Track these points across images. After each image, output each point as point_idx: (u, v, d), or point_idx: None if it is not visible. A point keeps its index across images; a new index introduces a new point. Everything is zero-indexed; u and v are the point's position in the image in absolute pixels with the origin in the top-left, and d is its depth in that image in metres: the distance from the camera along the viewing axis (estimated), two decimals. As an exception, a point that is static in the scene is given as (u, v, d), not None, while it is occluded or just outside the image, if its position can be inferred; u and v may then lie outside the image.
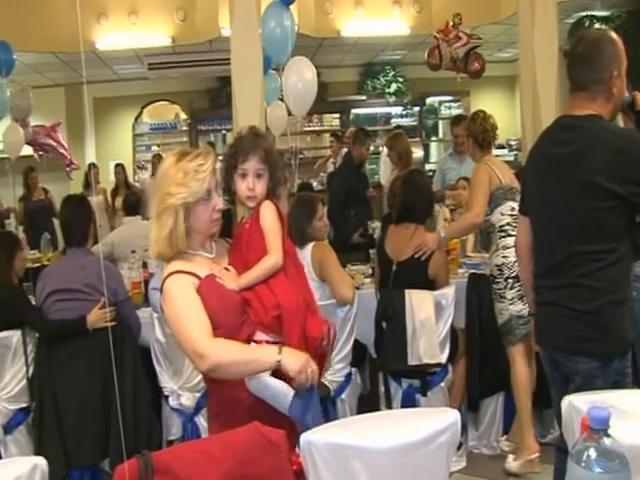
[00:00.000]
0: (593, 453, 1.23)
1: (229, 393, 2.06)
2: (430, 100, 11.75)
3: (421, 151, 10.99)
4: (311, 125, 11.31)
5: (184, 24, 8.19)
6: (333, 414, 3.63)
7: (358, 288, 4.11)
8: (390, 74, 11.27)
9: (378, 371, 3.96)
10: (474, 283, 4.10)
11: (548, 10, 5.11)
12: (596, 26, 8.58)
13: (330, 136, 9.45)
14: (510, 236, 3.66)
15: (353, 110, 11.41)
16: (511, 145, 10.75)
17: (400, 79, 11.26)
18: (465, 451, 3.97)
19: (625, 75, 2.46)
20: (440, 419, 1.81)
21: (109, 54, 8.62)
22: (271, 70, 6.03)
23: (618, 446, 1.23)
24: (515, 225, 3.44)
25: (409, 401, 3.76)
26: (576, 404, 1.84)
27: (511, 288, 3.72)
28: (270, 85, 6.01)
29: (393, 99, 11.33)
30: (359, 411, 3.83)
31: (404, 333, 3.66)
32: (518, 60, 5.52)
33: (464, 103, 11.53)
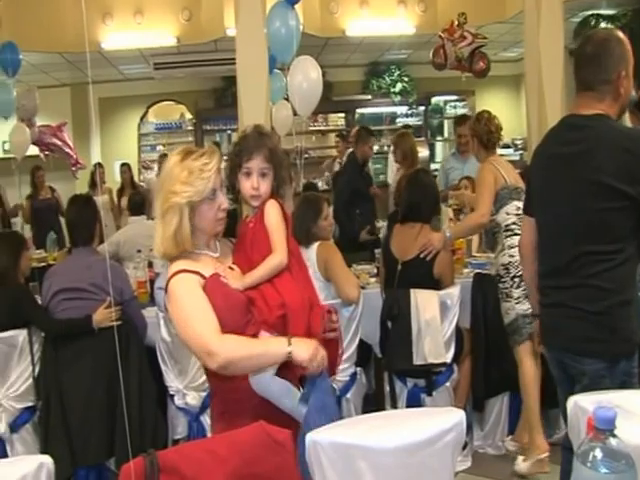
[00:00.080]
0: (599, 453, 1.23)
1: (234, 393, 2.05)
2: (435, 99, 11.73)
3: (426, 150, 10.98)
4: (316, 125, 11.32)
5: (189, 24, 8.20)
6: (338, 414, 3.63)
7: (363, 288, 4.11)
8: (395, 73, 11.26)
9: (383, 371, 3.96)
10: (479, 283, 4.09)
11: (554, 9, 5.09)
12: (602, 25, 8.55)
13: (336, 136, 9.46)
14: (516, 235, 3.65)
15: (358, 110, 11.40)
16: (516, 144, 10.73)
17: (405, 78, 11.24)
18: (470, 451, 3.97)
19: (632, 74, 2.46)
20: (445, 419, 1.81)
21: (115, 54, 8.63)
22: (276, 70, 6.03)
23: (624, 446, 1.23)
24: (521, 224, 3.43)
25: (414, 401, 3.76)
26: (582, 404, 1.83)
27: (517, 287, 3.71)
28: (275, 85, 6.00)
29: (398, 98, 11.31)
30: (364, 411, 3.83)
31: (409, 333, 3.66)
32: (523, 59, 5.50)
33: (469, 102, 11.50)
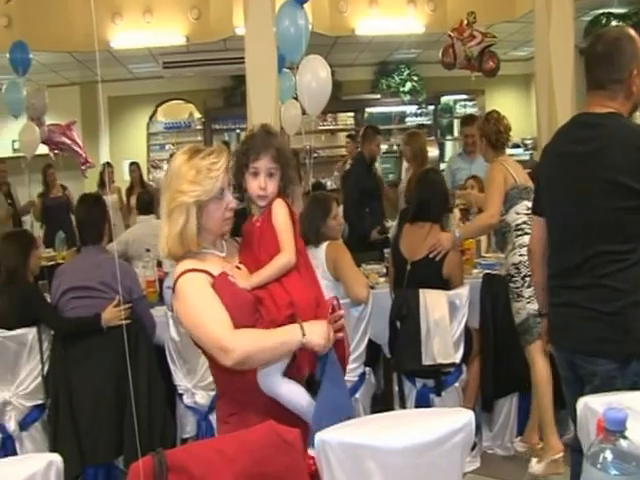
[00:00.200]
0: (609, 455, 1.22)
1: (241, 393, 2.04)
2: (445, 99, 11.70)
3: (436, 150, 10.96)
4: (325, 124, 11.31)
5: (198, 23, 8.19)
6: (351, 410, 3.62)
7: (372, 287, 4.10)
8: (405, 73, 11.23)
9: (392, 371, 3.96)
10: (488, 283, 4.09)
11: (564, 8, 5.07)
12: (613, 23, 8.50)
13: (346, 137, 9.45)
14: (527, 234, 3.63)
15: (367, 109, 11.38)
16: (526, 144, 10.70)
17: (415, 78, 11.22)
18: (479, 451, 3.96)
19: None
20: (454, 419, 1.81)
21: (124, 53, 8.64)
22: (285, 69, 6.03)
23: (635, 448, 1.22)
24: (531, 223, 3.42)
25: (423, 401, 3.76)
26: (591, 405, 1.82)
27: (528, 286, 3.69)
28: (284, 84, 6.01)
29: (408, 98, 11.29)
30: (373, 410, 3.83)
31: (418, 333, 3.65)
32: (534, 58, 5.48)
33: (479, 102, 11.48)
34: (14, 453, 3.61)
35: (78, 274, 3.66)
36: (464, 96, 11.64)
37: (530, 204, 3.43)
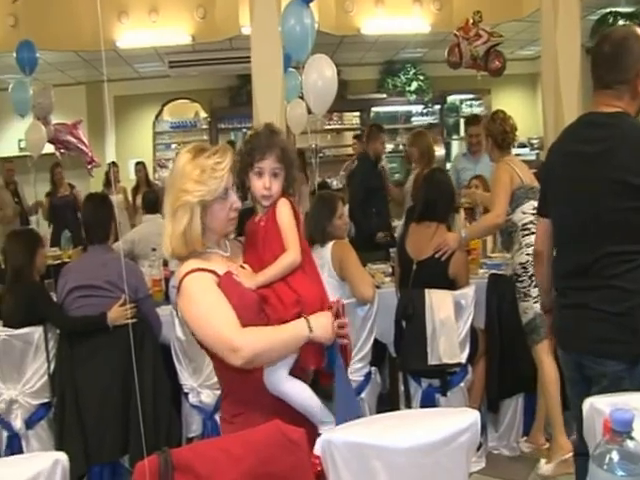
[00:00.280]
0: (615, 456, 1.22)
1: (247, 394, 2.03)
2: (451, 98, 11.67)
3: (442, 149, 10.94)
4: (331, 123, 11.30)
5: (204, 22, 8.19)
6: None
7: (378, 287, 4.10)
8: (411, 72, 11.22)
9: (398, 370, 3.95)
10: (494, 283, 4.08)
11: (571, 7, 5.06)
12: (620, 22, 8.47)
13: (353, 137, 9.45)
14: (533, 234, 3.59)
15: (373, 108, 11.37)
16: (533, 144, 10.67)
17: (421, 77, 11.21)
18: (485, 452, 3.96)
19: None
20: (460, 419, 1.80)
21: (130, 52, 8.65)
22: (291, 68, 6.03)
23: (642, 449, 1.22)
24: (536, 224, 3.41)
25: (429, 401, 3.75)
26: (598, 406, 1.82)
27: (535, 286, 3.68)
28: (290, 83, 6.00)
29: (414, 97, 11.27)
30: (378, 410, 3.82)
31: (424, 332, 3.65)
32: (540, 58, 5.47)
33: (485, 101, 11.45)
34: (20, 451, 3.63)
35: (84, 273, 3.66)
36: (470, 95, 11.61)
37: (537, 203, 3.42)
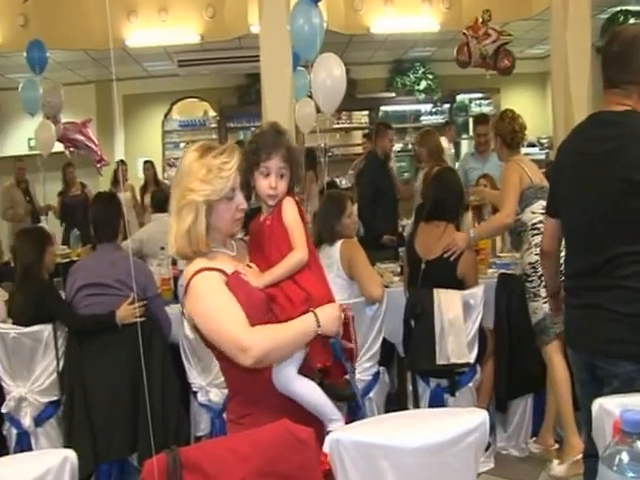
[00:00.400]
0: (625, 457, 1.21)
1: (256, 394, 2.02)
2: (460, 97, 11.64)
3: (452, 148, 10.89)
4: (340, 122, 11.30)
5: (213, 21, 8.21)
6: (361, 413, 3.62)
7: (387, 286, 4.08)
8: (420, 71, 11.20)
9: (406, 370, 3.94)
10: (504, 283, 4.06)
11: (581, 5, 5.04)
12: (631, 21, 8.43)
13: (363, 136, 9.44)
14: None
15: (382, 107, 11.36)
16: (542, 143, 10.62)
17: (430, 76, 11.18)
18: (493, 452, 3.95)
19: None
20: (468, 419, 1.80)
21: (139, 51, 8.69)
22: (300, 67, 6.03)
23: (652, 450, 1.21)
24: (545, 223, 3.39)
25: (437, 401, 3.74)
26: (607, 407, 1.81)
27: (545, 286, 3.67)
28: (299, 82, 6.00)
29: (423, 96, 11.25)
30: (387, 410, 3.82)
31: (432, 332, 3.64)
32: (550, 57, 5.45)
33: (494, 100, 11.41)
34: (29, 449, 3.64)
35: (93, 271, 3.67)
36: (479, 94, 11.57)
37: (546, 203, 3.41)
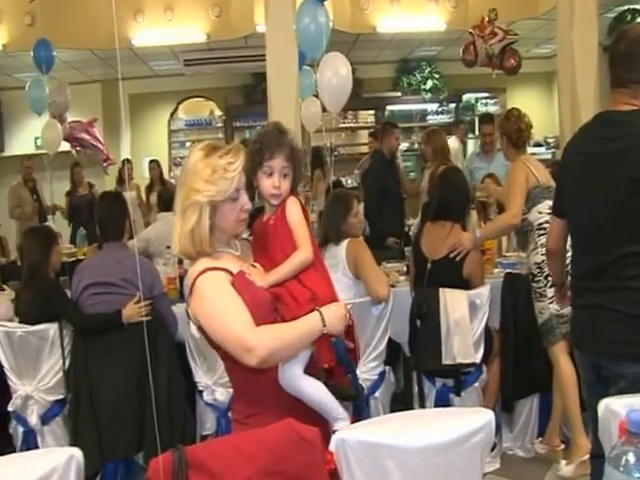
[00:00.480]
0: (632, 457, 1.21)
1: (262, 394, 2.02)
2: (467, 97, 11.60)
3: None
4: (346, 122, 11.28)
5: (219, 20, 8.22)
6: (366, 412, 3.62)
7: (393, 286, 4.08)
8: (426, 70, 11.18)
9: (412, 370, 3.94)
10: (510, 283, 4.05)
11: (588, 4, 5.02)
12: (638, 20, 8.40)
13: (369, 135, 9.43)
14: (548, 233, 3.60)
15: (388, 107, 11.33)
16: (549, 143, 10.60)
17: (436, 75, 11.15)
18: (499, 452, 3.94)
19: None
20: (474, 419, 1.80)
21: (145, 50, 8.69)
22: (305, 66, 6.03)
23: (659, 451, 1.21)
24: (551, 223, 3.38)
25: (443, 401, 3.74)
26: (613, 407, 1.80)
27: (551, 286, 3.66)
28: (304, 81, 6.00)
29: (429, 96, 11.22)
30: (392, 409, 3.82)
31: (438, 332, 3.63)
32: (556, 56, 5.43)
33: (500, 100, 11.38)
34: (35, 447, 3.65)
35: (99, 270, 3.68)
36: (486, 94, 11.54)
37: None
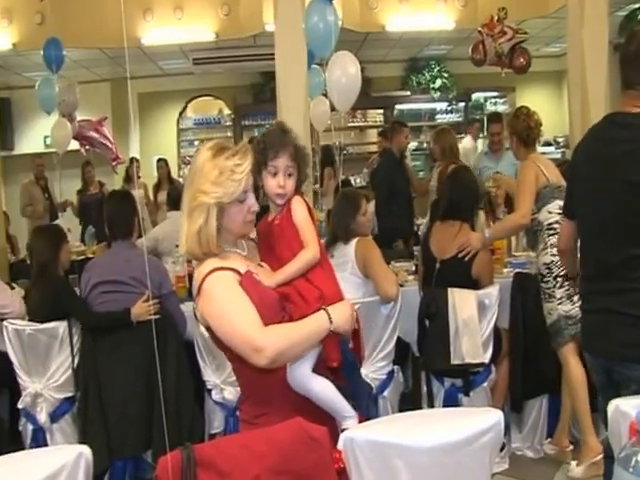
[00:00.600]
0: (642, 458, 1.21)
1: (270, 394, 2.02)
2: (476, 96, 11.56)
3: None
4: (355, 121, 11.27)
5: (228, 19, 8.22)
6: (375, 412, 3.61)
7: (402, 285, 4.08)
8: (435, 69, 11.15)
9: (420, 369, 3.93)
10: (519, 282, 4.03)
11: (598, 2, 4.99)
12: (649, 19, 8.38)
13: (378, 134, 9.44)
14: (559, 234, 3.58)
15: (397, 106, 11.31)
16: (558, 142, 10.55)
17: (445, 74, 11.13)
18: (508, 453, 3.92)
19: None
20: (483, 419, 1.79)
21: (154, 49, 8.71)
22: (314, 65, 6.02)
23: (669, 452, 1.20)
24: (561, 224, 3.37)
25: (451, 400, 3.73)
26: (623, 408, 1.80)
27: (560, 287, 3.65)
28: (313, 80, 6.00)
29: (438, 95, 11.19)
30: (401, 409, 3.81)
31: (447, 332, 3.63)
32: (566, 55, 5.41)
33: (510, 99, 11.33)
34: (45, 444, 3.67)
35: (108, 268, 3.69)
36: (495, 93, 11.51)
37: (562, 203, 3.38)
